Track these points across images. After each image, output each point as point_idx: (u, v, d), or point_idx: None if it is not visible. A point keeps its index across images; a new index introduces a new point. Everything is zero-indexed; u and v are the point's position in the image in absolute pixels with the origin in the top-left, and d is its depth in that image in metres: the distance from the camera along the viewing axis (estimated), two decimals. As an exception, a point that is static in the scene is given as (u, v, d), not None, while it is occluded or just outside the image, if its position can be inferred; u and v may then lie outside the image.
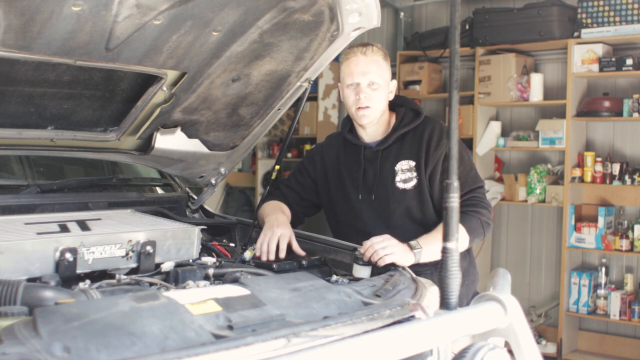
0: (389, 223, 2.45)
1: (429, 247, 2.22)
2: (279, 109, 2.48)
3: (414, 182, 2.48)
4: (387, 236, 2.18)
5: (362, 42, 2.47)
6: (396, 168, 2.50)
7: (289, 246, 2.28)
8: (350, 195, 2.56)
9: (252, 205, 7.11)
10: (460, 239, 2.25)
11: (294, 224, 2.55)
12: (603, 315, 4.98)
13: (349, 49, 2.45)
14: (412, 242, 2.22)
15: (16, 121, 2.08)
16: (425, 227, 2.39)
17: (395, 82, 2.55)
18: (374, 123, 2.50)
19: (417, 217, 2.48)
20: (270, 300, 1.63)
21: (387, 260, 2.11)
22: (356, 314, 1.63)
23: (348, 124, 2.62)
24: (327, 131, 5.87)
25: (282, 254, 2.24)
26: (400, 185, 2.48)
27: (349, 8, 2.11)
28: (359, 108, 2.44)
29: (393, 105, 2.57)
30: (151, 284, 1.82)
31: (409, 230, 2.36)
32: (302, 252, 2.28)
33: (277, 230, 2.28)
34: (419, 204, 2.48)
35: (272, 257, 2.23)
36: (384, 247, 2.12)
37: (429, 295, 1.92)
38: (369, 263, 2.16)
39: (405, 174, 2.48)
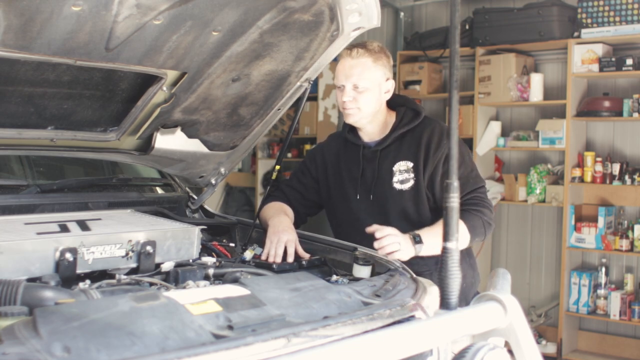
0: (386, 224, 2.44)
1: (430, 241, 2.25)
2: (279, 109, 2.48)
3: (411, 183, 2.47)
4: (393, 230, 2.21)
5: (355, 42, 2.42)
6: (394, 168, 2.49)
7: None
8: (349, 195, 2.55)
9: (252, 205, 7.11)
10: (461, 237, 2.26)
11: (297, 224, 2.55)
12: (603, 315, 4.98)
13: (343, 49, 2.45)
14: (415, 236, 2.25)
15: (16, 121, 2.08)
16: (421, 229, 2.39)
17: (392, 81, 2.52)
18: (364, 123, 2.51)
19: (414, 219, 2.47)
20: (270, 300, 1.63)
21: (394, 257, 2.16)
22: (356, 314, 1.63)
23: (349, 124, 2.61)
24: (327, 131, 5.86)
25: (291, 259, 2.23)
26: (397, 186, 2.48)
27: (349, 8, 2.11)
28: (344, 108, 2.47)
29: (394, 105, 2.57)
30: (151, 284, 1.82)
31: (405, 232, 2.36)
32: (306, 255, 2.28)
33: (283, 236, 2.27)
34: (415, 205, 2.47)
35: (279, 262, 2.22)
36: (392, 244, 2.17)
37: (429, 295, 1.92)
38: (369, 263, 2.16)
39: (402, 175, 2.48)
